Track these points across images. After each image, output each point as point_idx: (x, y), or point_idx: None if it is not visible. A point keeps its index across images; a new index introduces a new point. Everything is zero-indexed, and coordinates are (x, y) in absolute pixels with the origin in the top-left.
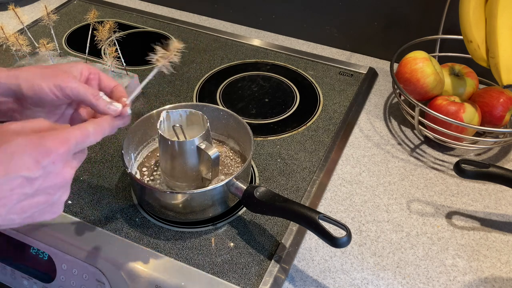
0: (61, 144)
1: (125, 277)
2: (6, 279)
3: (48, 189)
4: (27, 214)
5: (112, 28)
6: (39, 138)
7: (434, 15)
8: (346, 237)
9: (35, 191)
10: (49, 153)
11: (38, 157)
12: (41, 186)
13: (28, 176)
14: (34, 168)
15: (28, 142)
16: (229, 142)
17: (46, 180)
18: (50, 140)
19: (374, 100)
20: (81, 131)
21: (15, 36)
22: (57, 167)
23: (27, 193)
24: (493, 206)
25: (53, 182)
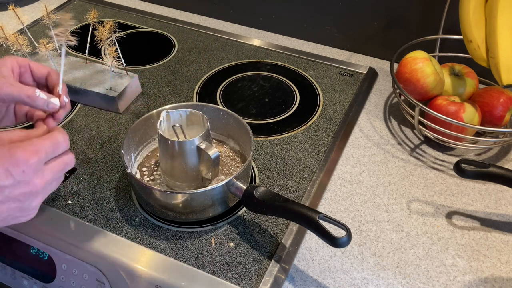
0: (31, 155)
1: (125, 277)
2: (6, 279)
3: (18, 197)
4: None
5: (112, 28)
6: (10, 149)
7: (434, 15)
8: (346, 237)
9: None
10: (19, 164)
11: (9, 167)
12: (11, 194)
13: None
14: (4, 177)
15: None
16: (229, 142)
17: (16, 188)
18: (21, 151)
19: (374, 100)
20: (50, 141)
21: (15, 36)
22: (27, 177)
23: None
24: (493, 206)
25: (23, 190)
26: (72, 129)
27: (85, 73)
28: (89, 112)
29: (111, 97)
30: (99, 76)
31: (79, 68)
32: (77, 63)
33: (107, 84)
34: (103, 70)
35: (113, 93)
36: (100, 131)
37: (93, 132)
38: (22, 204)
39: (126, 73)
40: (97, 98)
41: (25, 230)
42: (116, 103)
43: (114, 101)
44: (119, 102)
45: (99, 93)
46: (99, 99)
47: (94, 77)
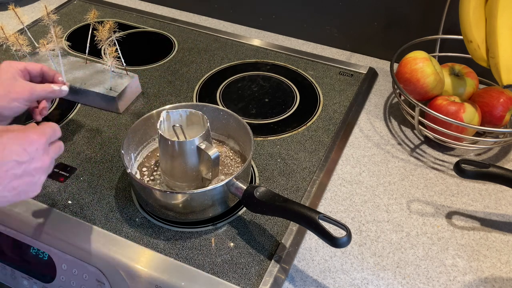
0: (40, 135)
1: (125, 277)
2: (6, 279)
3: (32, 171)
4: (15, 191)
5: (112, 28)
6: (24, 132)
7: (434, 15)
8: (346, 237)
9: (23, 172)
10: (33, 143)
11: (25, 146)
12: (27, 168)
13: (18, 160)
14: (22, 154)
15: (16, 136)
16: (229, 142)
17: (31, 163)
18: (32, 133)
19: (374, 100)
20: (50, 127)
21: (15, 36)
22: (38, 154)
23: (16, 174)
24: (493, 206)
25: (36, 166)
26: (72, 129)
27: (85, 73)
28: (89, 112)
29: (111, 97)
30: (99, 76)
31: (79, 68)
32: (77, 63)
33: (107, 84)
34: (103, 70)
35: (113, 93)
36: (100, 131)
37: (93, 132)
38: (34, 178)
39: (126, 73)
40: (97, 98)
41: (25, 230)
42: (116, 103)
43: (114, 101)
44: (119, 102)
45: (99, 93)
46: (99, 99)
47: (94, 77)
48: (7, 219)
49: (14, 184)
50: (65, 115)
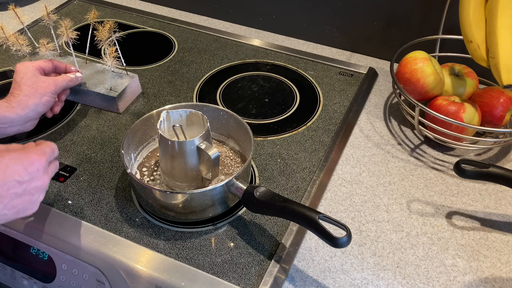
0: (41, 156)
1: (125, 277)
2: (6, 279)
3: (31, 190)
4: (15, 209)
5: (112, 28)
6: (25, 152)
7: (434, 15)
8: (346, 237)
9: (23, 191)
10: (34, 163)
11: (26, 166)
12: (27, 187)
13: (19, 180)
14: (23, 174)
15: (17, 156)
16: (229, 142)
17: (31, 183)
18: (33, 153)
19: (374, 100)
20: (50, 147)
21: (15, 36)
22: (39, 173)
23: (17, 193)
24: (493, 206)
25: (36, 185)
26: (72, 129)
27: (85, 73)
28: (89, 112)
29: (111, 97)
30: (99, 76)
31: (79, 68)
32: (78, 62)
33: (107, 84)
34: (103, 70)
35: (113, 93)
36: (100, 131)
37: (93, 132)
38: (33, 197)
39: (126, 73)
40: (97, 98)
41: (25, 230)
42: (116, 103)
43: (114, 101)
44: (119, 102)
45: (99, 93)
46: (99, 99)
47: (94, 77)
48: None
49: (15, 203)
50: (65, 115)
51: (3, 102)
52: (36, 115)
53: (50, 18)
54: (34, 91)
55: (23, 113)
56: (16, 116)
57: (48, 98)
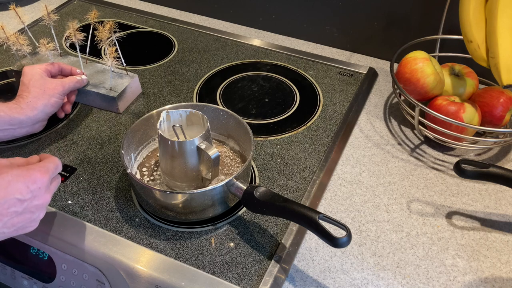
0: (44, 174)
1: (125, 277)
2: (6, 279)
3: (32, 209)
4: (14, 227)
5: (112, 28)
6: (28, 170)
7: (434, 15)
8: (346, 237)
9: (23, 209)
10: (36, 181)
11: (29, 184)
12: (28, 205)
13: (20, 198)
14: (25, 192)
15: (20, 173)
16: (229, 142)
17: (33, 201)
18: (36, 172)
19: (374, 100)
20: (53, 164)
21: (15, 35)
22: (41, 192)
23: (17, 211)
24: (493, 206)
25: (37, 203)
26: (72, 129)
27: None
28: (89, 112)
29: (111, 97)
30: (99, 76)
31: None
32: (78, 63)
33: (107, 84)
34: (103, 70)
35: (113, 93)
36: (100, 131)
37: (93, 132)
38: (33, 215)
39: (127, 73)
40: (97, 98)
41: None
42: (116, 103)
43: (114, 101)
44: (119, 102)
45: (99, 93)
46: (99, 99)
47: (94, 77)
48: None
49: (14, 221)
50: (65, 115)
51: (12, 104)
52: (44, 116)
53: (50, 18)
54: (42, 93)
55: (32, 115)
56: (25, 117)
57: (56, 99)
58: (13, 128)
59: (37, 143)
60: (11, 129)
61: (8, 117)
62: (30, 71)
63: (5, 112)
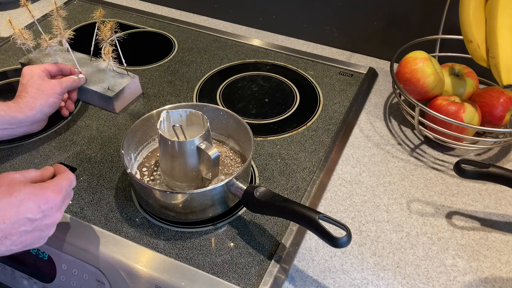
0: (57, 193)
1: (125, 277)
2: (6, 279)
3: (42, 227)
4: (22, 245)
5: (113, 28)
6: (41, 189)
7: (434, 15)
8: (346, 237)
9: (33, 228)
10: (49, 201)
11: (40, 204)
12: (38, 225)
13: (31, 218)
14: (36, 212)
15: (33, 192)
16: (229, 142)
17: (43, 220)
18: (50, 191)
19: (374, 100)
20: (67, 181)
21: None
22: (52, 211)
23: (27, 230)
24: (493, 206)
25: (47, 222)
26: (72, 129)
27: (87, 71)
28: (89, 112)
29: (108, 97)
30: (100, 75)
31: (83, 65)
32: (82, 60)
33: (106, 83)
34: (106, 69)
35: (110, 92)
36: (100, 131)
37: (93, 132)
38: (43, 233)
39: (127, 73)
40: (95, 97)
41: None
42: (112, 103)
43: (110, 101)
44: (115, 102)
45: (96, 91)
46: (96, 98)
47: (95, 75)
48: None
49: (23, 239)
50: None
51: (11, 103)
52: (43, 116)
53: (59, 13)
54: (40, 93)
55: (31, 114)
56: (24, 116)
57: (54, 99)
58: (12, 127)
59: (37, 143)
60: (10, 129)
61: (8, 117)
62: (28, 71)
63: (5, 111)
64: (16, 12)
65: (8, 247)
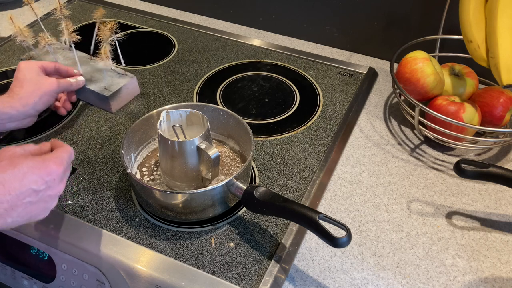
0: (59, 165)
1: (125, 277)
2: (6, 279)
3: (46, 198)
4: (27, 216)
5: (113, 28)
6: (43, 161)
7: (434, 15)
8: (346, 237)
9: (38, 199)
10: (51, 173)
11: (43, 175)
12: (43, 196)
13: (35, 189)
14: (40, 183)
15: (35, 165)
16: (229, 142)
17: (47, 191)
18: (52, 163)
19: (374, 100)
20: (67, 154)
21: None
22: (55, 183)
23: (32, 201)
24: (493, 206)
25: (51, 193)
26: (72, 129)
27: (86, 69)
28: (89, 112)
29: (104, 96)
30: (99, 74)
31: (83, 64)
32: (82, 59)
33: (103, 83)
34: (105, 68)
35: (106, 92)
36: (100, 131)
37: (93, 132)
38: (47, 204)
39: (125, 73)
40: (92, 96)
41: (25, 230)
42: (108, 103)
43: (107, 101)
44: (112, 102)
45: (93, 91)
46: (93, 97)
47: (94, 74)
48: None
49: (28, 210)
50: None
51: (4, 97)
52: (35, 112)
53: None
54: (36, 89)
55: (24, 110)
56: (16, 112)
57: (48, 97)
58: (2, 122)
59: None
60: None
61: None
62: (25, 66)
63: None
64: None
65: (15, 219)
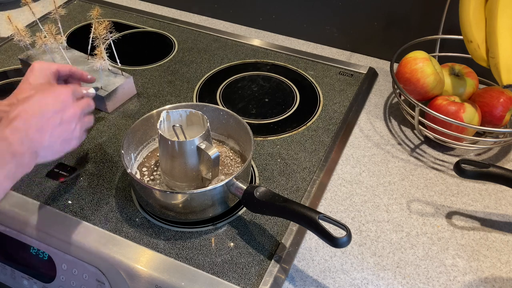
0: (66, 88)
1: (125, 277)
2: (6, 279)
3: (68, 119)
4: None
5: (107, 27)
6: (51, 87)
7: (434, 15)
8: (346, 237)
9: (60, 120)
10: (61, 94)
11: (55, 97)
12: (63, 116)
13: (54, 110)
14: (56, 104)
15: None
16: (229, 142)
17: (65, 112)
18: (58, 87)
19: (374, 100)
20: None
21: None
22: (69, 102)
23: (56, 123)
24: (493, 206)
25: (69, 114)
26: None
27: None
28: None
29: (100, 96)
30: (96, 74)
31: (80, 63)
32: (80, 58)
33: (99, 82)
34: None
35: (102, 92)
36: (100, 131)
37: (93, 132)
38: (71, 126)
39: (121, 73)
40: None
41: (25, 230)
42: (104, 103)
43: (102, 100)
44: (108, 102)
45: None
46: None
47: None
48: (7, 219)
49: (57, 132)
50: None
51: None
52: None
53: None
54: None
55: None
56: None
57: None
58: None
59: None
60: None
61: None
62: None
63: None
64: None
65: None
